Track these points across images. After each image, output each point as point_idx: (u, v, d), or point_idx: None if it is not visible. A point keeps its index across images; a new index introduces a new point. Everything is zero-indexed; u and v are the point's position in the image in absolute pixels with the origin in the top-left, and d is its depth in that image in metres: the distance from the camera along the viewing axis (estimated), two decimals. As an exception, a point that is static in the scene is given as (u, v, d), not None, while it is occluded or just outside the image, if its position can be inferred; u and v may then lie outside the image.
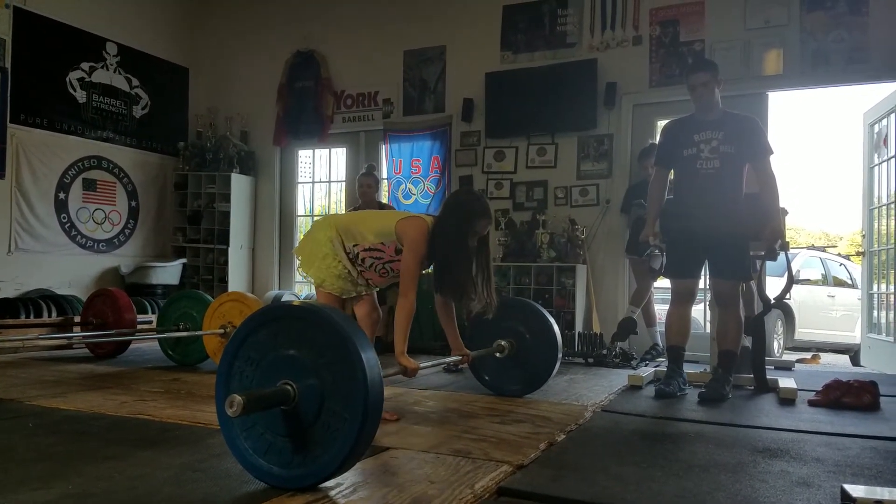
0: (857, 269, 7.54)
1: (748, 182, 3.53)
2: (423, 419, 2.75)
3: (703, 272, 3.76)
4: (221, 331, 4.03)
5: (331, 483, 1.80)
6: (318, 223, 2.90)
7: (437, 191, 6.31)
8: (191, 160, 7.25)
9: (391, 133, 6.56)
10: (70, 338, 5.04)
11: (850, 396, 3.20)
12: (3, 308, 5.34)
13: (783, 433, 2.62)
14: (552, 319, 3.32)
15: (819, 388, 3.37)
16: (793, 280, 3.79)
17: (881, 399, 3.26)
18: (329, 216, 3.03)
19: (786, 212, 3.66)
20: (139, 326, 4.90)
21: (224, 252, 7.05)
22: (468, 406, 3.06)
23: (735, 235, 3.42)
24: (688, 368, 3.72)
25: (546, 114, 5.82)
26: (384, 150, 6.63)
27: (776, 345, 6.81)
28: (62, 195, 6.37)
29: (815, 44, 5.04)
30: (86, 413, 2.78)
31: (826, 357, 7.50)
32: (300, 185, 7.37)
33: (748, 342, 3.79)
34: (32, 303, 5.52)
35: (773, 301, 3.79)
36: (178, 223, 7.34)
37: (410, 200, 6.43)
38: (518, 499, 1.78)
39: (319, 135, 6.93)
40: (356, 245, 2.73)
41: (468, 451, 2.20)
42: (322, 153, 7.28)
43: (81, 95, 6.53)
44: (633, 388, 3.68)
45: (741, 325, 3.56)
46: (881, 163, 5.27)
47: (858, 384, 3.26)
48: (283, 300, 6.11)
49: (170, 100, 7.39)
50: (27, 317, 5.34)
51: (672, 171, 3.67)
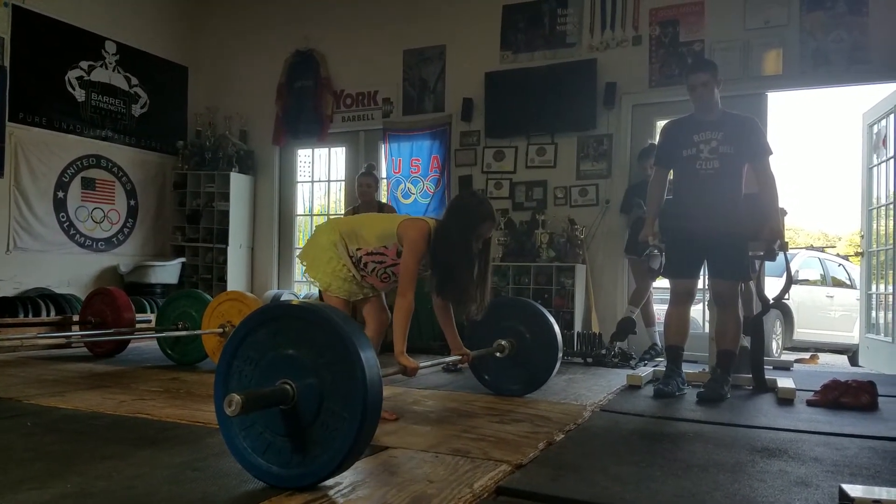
0: (856, 270, 7.55)
1: (747, 182, 3.53)
2: (422, 419, 2.75)
3: (702, 272, 3.77)
4: (220, 330, 4.03)
5: (330, 482, 1.80)
6: (322, 227, 2.89)
7: (437, 190, 6.31)
8: (190, 159, 7.26)
9: (391, 132, 6.56)
10: (69, 337, 5.03)
11: (849, 396, 3.20)
12: (2, 307, 5.34)
13: (781, 433, 2.62)
14: (552, 319, 3.32)
15: (817, 388, 3.37)
16: (791, 280, 3.79)
17: (879, 399, 3.27)
18: (332, 220, 3.02)
19: (785, 212, 3.66)
20: (138, 325, 4.89)
21: (223, 251, 7.05)
22: (467, 405, 3.06)
23: (734, 235, 3.42)
24: (686, 368, 3.72)
25: (546, 114, 5.82)
26: (383, 150, 6.63)
27: (775, 345, 6.82)
28: (61, 194, 6.36)
29: (815, 44, 5.04)
30: (84, 412, 2.77)
31: (824, 357, 7.51)
32: (299, 185, 7.37)
33: (747, 342, 3.80)
34: (31, 302, 5.52)
35: (772, 301, 3.80)
36: (177, 222, 7.34)
37: (410, 200, 6.43)
38: (517, 498, 1.78)
39: (319, 134, 6.93)
40: (359, 249, 2.72)
41: (467, 451, 2.20)
42: (321, 152, 7.28)
43: (80, 94, 6.52)
44: (632, 388, 3.68)
45: (740, 325, 3.57)
46: (880, 163, 5.27)
47: (857, 384, 3.26)
48: (283, 299, 6.11)
49: (169, 99, 7.38)
50: (26, 316, 5.34)
51: (671, 172, 3.68)
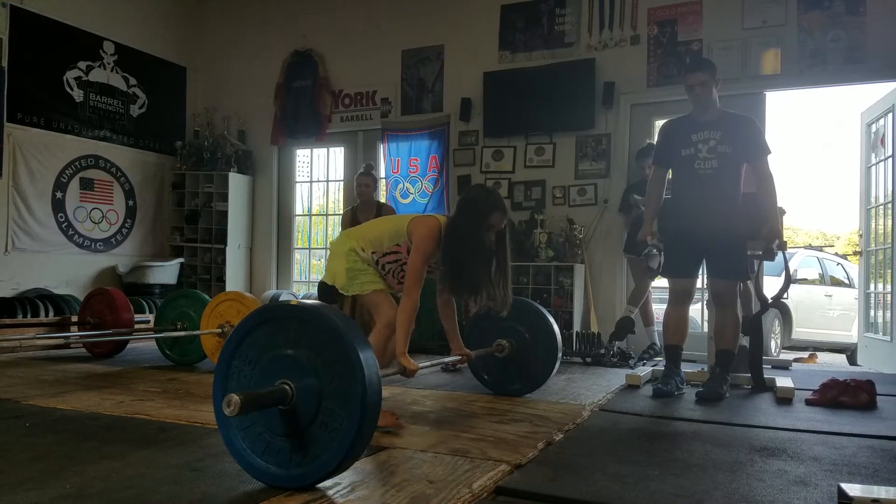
0: (855, 269, 7.57)
1: (746, 182, 3.53)
2: (422, 419, 2.75)
3: (701, 272, 3.77)
4: (219, 330, 4.02)
5: (329, 482, 1.80)
6: (336, 243, 2.83)
7: (435, 190, 6.31)
8: (188, 159, 7.25)
9: (389, 132, 6.56)
10: (67, 337, 5.03)
11: (847, 395, 3.21)
12: (1, 308, 5.33)
13: (780, 432, 2.62)
14: (552, 319, 3.32)
15: (816, 388, 3.37)
16: (790, 279, 3.80)
17: (878, 398, 3.27)
18: (342, 233, 2.92)
19: (783, 211, 3.67)
20: (136, 326, 4.89)
21: (222, 251, 7.04)
22: (466, 405, 3.06)
23: (733, 235, 3.42)
24: (685, 368, 3.73)
25: (544, 113, 5.82)
26: (382, 150, 6.63)
27: (773, 344, 6.83)
28: (59, 194, 6.35)
29: (813, 43, 5.04)
30: (83, 413, 2.77)
31: (823, 356, 7.52)
32: (298, 185, 7.36)
33: (746, 341, 3.80)
34: (30, 302, 5.51)
35: (771, 300, 3.81)
36: (176, 222, 7.33)
37: (408, 199, 6.43)
38: (516, 498, 1.78)
39: (317, 134, 6.92)
40: (374, 252, 2.69)
41: (466, 451, 2.20)
42: (320, 152, 7.28)
43: (79, 94, 6.51)
44: (631, 388, 3.68)
45: (739, 325, 3.57)
46: (878, 162, 5.27)
47: (855, 383, 3.27)
48: (281, 299, 6.11)
49: (167, 99, 7.37)
50: (24, 316, 5.33)
51: (670, 171, 3.68)
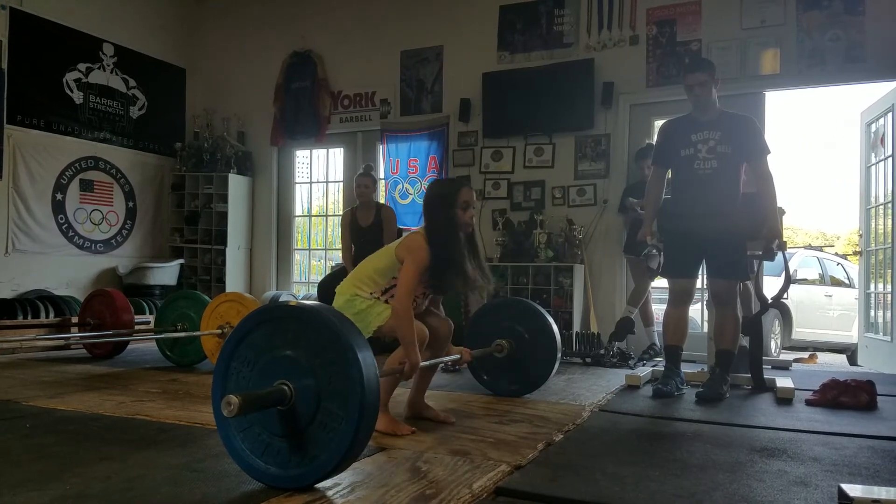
0: (855, 269, 7.57)
1: (745, 182, 3.53)
2: (421, 419, 2.75)
3: (701, 272, 3.76)
4: (219, 331, 4.02)
5: (328, 483, 1.80)
6: (336, 297, 2.69)
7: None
8: (188, 161, 7.25)
9: (388, 133, 6.56)
10: (67, 338, 5.03)
11: (848, 396, 3.20)
12: (1, 309, 5.33)
13: (780, 433, 2.62)
14: (551, 319, 3.32)
15: (816, 388, 3.37)
16: (790, 280, 3.80)
17: (878, 398, 3.27)
18: (339, 287, 2.72)
19: (783, 211, 3.67)
20: (137, 327, 4.89)
21: (221, 252, 7.04)
22: (466, 406, 3.06)
23: (732, 235, 3.42)
24: (685, 368, 3.72)
25: (543, 114, 5.82)
26: (381, 151, 6.63)
27: (773, 344, 6.83)
28: (59, 196, 6.35)
29: (812, 43, 5.04)
30: (83, 414, 2.77)
31: (823, 356, 7.52)
32: (297, 186, 7.36)
33: (746, 342, 3.80)
34: (30, 303, 5.51)
35: (771, 300, 3.80)
36: (176, 224, 7.33)
37: (407, 200, 6.43)
38: (516, 499, 1.78)
39: (316, 135, 6.93)
40: (372, 293, 2.64)
41: (466, 452, 2.20)
42: (319, 153, 7.28)
43: (78, 96, 6.52)
44: (631, 388, 3.68)
45: (738, 325, 3.57)
46: (878, 162, 5.28)
47: (856, 384, 3.26)
48: (281, 300, 6.11)
49: (167, 100, 7.37)
50: (25, 318, 5.33)
51: (669, 171, 3.68)
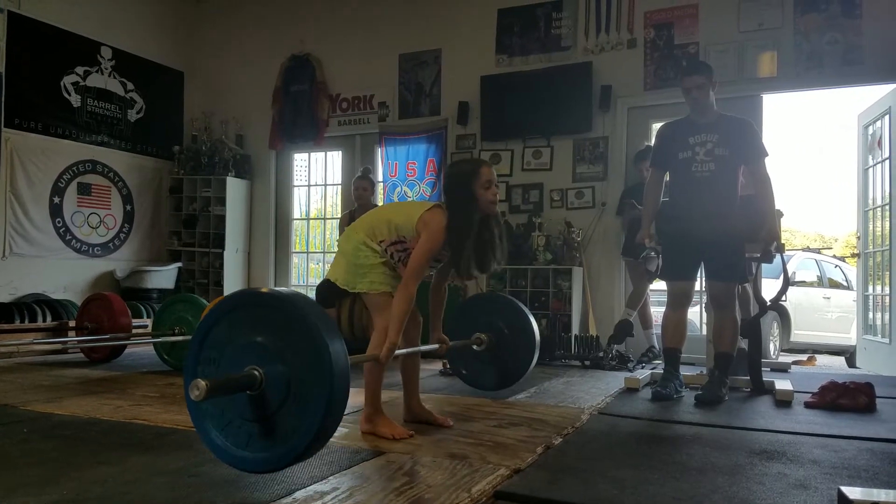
0: (853, 271, 7.57)
1: (743, 184, 3.54)
2: (420, 423, 2.74)
3: (700, 274, 3.77)
4: (217, 335, 4.01)
5: (327, 487, 1.79)
6: (343, 239, 2.76)
7: (433, 194, 6.31)
8: (186, 164, 7.24)
9: (387, 136, 6.56)
10: (65, 342, 5.01)
11: (847, 398, 3.20)
12: (-2, 313, 5.32)
13: (780, 435, 2.62)
14: (531, 316, 3.29)
15: (815, 390, 3.37)
16: (788, 282, 3.80)
17: (877, 400, 3.27)
18: (348, 229, 2.78)
19: (781, 214, 3.67)
20: (134, 331, 4.88)
21: (219, 256, 7.03)
22: (464, 409, 3.06)
23: (730, 237, 3.42)
24: (684, 371, 3.72)
25: (541, 117, 5.82)
26: (380, 154, 6.63)
27: (772, 347, 6.83)
28: (57, 199, 6.34)
29: (809, 46, 5.05)
30: (81, 418, 2.76)
31: (822, 359, 7.52)
32: (296, 189, 7.36)
33: (744, 344, 3.80)
34: (27, 307, 5.50)
35: (769, 303, 3.80)
36: (174, 227, 7.32)
37: (406, 203, 6.44)
38: (515, 503, 1.77)
39: (315, 138, 6.93)
40: (382, 241, 2.66)
41: (465, 455, 2.19)
42: (318, 156, 7.27)
43: (76, 100, 6.51)
44: (630, 391, 3.67)
45: (737, 327, 3.57)
46: (875, 164, 5.28)
47: (854, 386, 3.26)
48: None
49: (165, 104, 7.37)
50: (22, 321, 5.31)
51: (667, 174, 3.68)
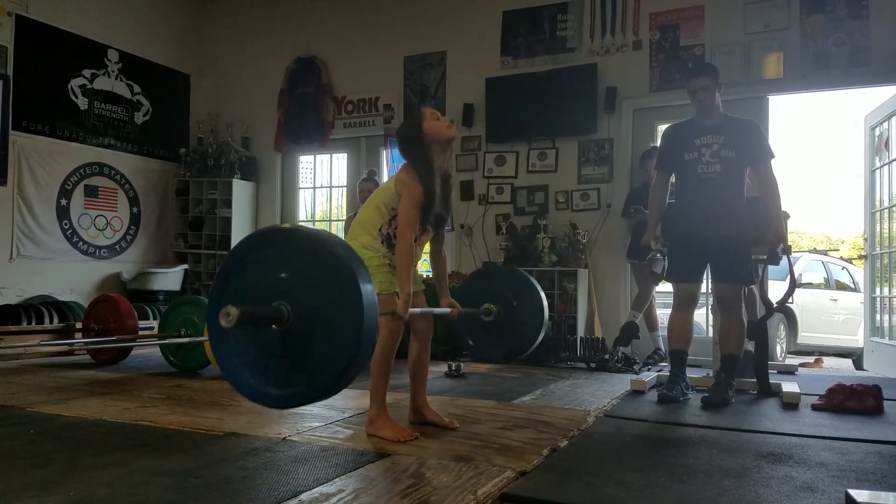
0: (860, 273, 7.53)
1: (750, 186, 3.52)
2: (425, 425, 2.74)
3: (706, 276, 3.75)
4: (223, 337, 4.01)
5: (332, 489, 1.79)
6: (349, 238, 2.71)
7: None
8: (192, 166, 7.27)
9: (392, 138, 6.57)
10: (71, 344, 5.03)
11: (854, 400, 3.19)
12: (5, 314, 5.34)
13: (787, 438, 2.61)
14: (540, 289, 3.19)
15: (822, 393, 3.35)
16: (795, 284, 3.79)
17: (885, 403, 3.25)
18: (351, 230, 2.76)
19: (787, 215, 3.66)
20: (141, 332, 4.88)
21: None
22: (470, 412, 3.05)
23: (737, 239, 3.41)
24: (690, 373, 3.71)
25: (546, 118, 5.82)
26: (385, 156, 6.65)
27: (779, 349, 6.80)
28: (64, 202, 6.38)
29: (815, 47, 5.04)
30: (87, 420, 2.77)
31: (829, 361, 7.49)
32: (301, 191, 7.37)
33: (751, 346, 3.78)
34: (34, 309, 5.52)
35: (776, 305, 3.79)
36: (180, 229, 7.35)
37: (411, 205, 6.43)
38: (521, 505, 1.77)
39: (320, 140, 6.94)
40: (381, 228, 2.65)
41: (470, 458, 2.19)
42: (323, 158, 7.29)
43: (83, 102, 6.54)
44: (636, 393, 3.67)
45: (743, 329, 3.55)
46: (882, 166, 5.26)
47: (862, 388, 3.25)
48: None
49: (171, 106, 7.40)
50: (29, 323, 5.34)
51: (673, 176, 3.67)
